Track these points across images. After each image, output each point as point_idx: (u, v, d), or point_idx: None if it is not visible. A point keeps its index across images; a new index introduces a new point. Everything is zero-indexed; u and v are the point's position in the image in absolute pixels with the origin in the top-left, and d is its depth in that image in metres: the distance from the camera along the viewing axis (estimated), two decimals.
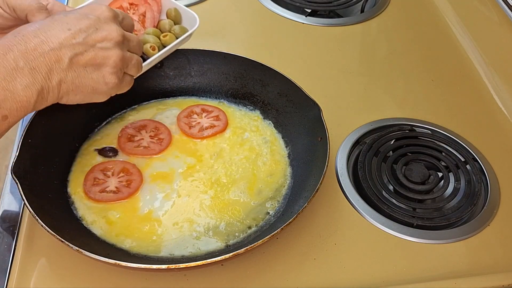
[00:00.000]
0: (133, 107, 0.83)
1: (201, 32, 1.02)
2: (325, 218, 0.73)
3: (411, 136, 0.84)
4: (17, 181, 0.63)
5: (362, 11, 1.11)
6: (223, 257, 0.59)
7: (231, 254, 0.59)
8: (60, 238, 0.59)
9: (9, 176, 0.69)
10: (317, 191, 0.66)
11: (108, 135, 0.79)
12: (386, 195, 0.76)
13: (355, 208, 0.74)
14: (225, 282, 0.65)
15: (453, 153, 0.81)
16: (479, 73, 0.97)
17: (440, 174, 0.78)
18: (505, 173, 0.80)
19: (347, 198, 0.75)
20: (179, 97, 0.85)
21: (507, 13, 0.94)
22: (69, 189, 0.72)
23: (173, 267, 0.59)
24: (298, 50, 1.00)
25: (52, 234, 0.59)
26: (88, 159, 0.75)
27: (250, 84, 0.84)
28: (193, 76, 0.85)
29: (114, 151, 0.76)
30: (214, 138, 0.79)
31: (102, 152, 0.76)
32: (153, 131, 0.79)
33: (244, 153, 0.78)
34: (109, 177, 0.72)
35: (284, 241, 0.69)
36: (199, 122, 0.81)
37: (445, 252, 0.70)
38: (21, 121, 0.82)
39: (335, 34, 1.05)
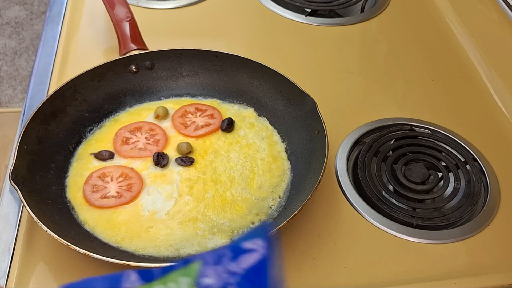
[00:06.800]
0: (126, 109, 0.83)
1: (201, 32, 1.03)
2: (325, 218, 0.72)
3: (411, 136, 0.83)
4: (17, 188, 0.63)
5: (362, 11, 1.11)
6: None
7: None
8: (66, 243, 0.59)
9: (8, 175, 0.69)
10: (319, 183, 0.66)
11: (103, 139, 0.78)
12: (386, 195, 0.76)
13: (355, 208, 0.74)
14: None
15: (453, 153, 0.81)
16: (479, 73, 0.97)
17: (440, 174, 0.78)
18: (505, 173, 0.80)
19: (346, 198, 0.75)
20: (172, 97, 0.85)
21: (507, 13, 0.94)
22: (67, 194, 0.71)
23: None
24: (298, 49, 1.00)
25: (57, 239, 0.59)
26: (84, 163, 0.75)
27: (242, 81, 0.84)
28: (184, 76, 0.85)
29: (110, 155, 0.76)
30: (210, 136, 0.79)
31: (99, 156, 0.75)
32: (148, 132, 0.79)
33: (241, 150, 0.78)
34: (108, 182, 0.72)
35: (283, 241, 0.69)
36: (194, 121, 0.81)
37: (445, 252, 0.70)
38: (19, 123, 0.83)
39: (335, 34, 1.04)
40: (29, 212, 0.61)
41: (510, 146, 0.85)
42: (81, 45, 0.97)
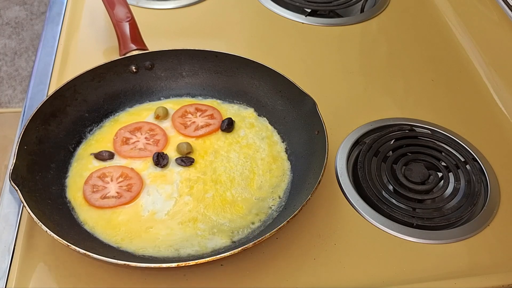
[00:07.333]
0: (126, 109, 0.83)
1: (201, 32, 1.03)
2: (325, 218, 0.72)
3: (411, 136, 0.83)
4: (17, 188, 0.63)
5: (362, 11, 1.11)
6: (231, 252, 0.60)
7: (239, 248, 0.60)
8: (66, 243, 0.59)
9: (8, 175, 0.70)
10: (319, 183, 0.66)
11: (103, 139, 0.78)
12: (386, 195, 0.76)
13: (355, 208, 0.74)
14: (224, 282, 0.65)
15: (453, 153, 0.81)
16: (479, 73, 0.97)
17: (440, 174, 0.78)
18: (505, 173, 0.80)
19: (346, 198, 0.75)
20: (172, 97, 0.85)
21: (507, 13, 0.94)
22: (67, 195, 0.71)
23: (182, 265, 0.59)
24: (298, 50, 1.00)
25: (57, 239, 0.59)
26: (84, 164, 0.75)
27: (242, 81, 0.84)
28: (184, 77, 0.86)
29: (110, 155, 0.76)
30: (210, 136, 0.79)
31: (98, 156, 0.75)
32: (148, 132, 0.79)
33: (241, 150, 0.78)
34: (108, 182, 0.72)
35: (283, 241, 0.69)
36: (194, 122, 0.81)
37: (445, 252, 0.70)
38: (19, 123, 0.83)
39: (335, 34, 1.05)
40: (29, 212, 0.61)
41: (510, 146, 0.85)
42: (81, 45, 0.97)
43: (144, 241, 0.67)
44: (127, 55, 0.84)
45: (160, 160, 0.75)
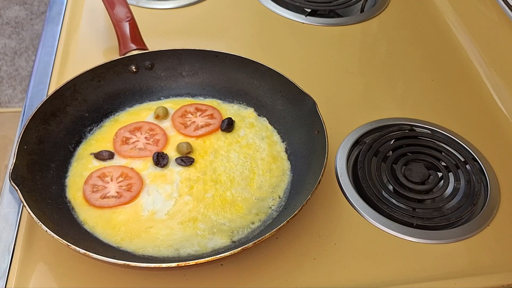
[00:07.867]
0: (126, 109, 0.83)
1: (200, 32, 1.03)
2: (325, 218, 0.72)
3: (411, 136, 0.83)
4: (17, 188, 0.63)
5: (362, 11, 1.11)
6: (231, 252, 0.60)
7: (239, 248, 0.60)
8: (66, 243, 0.59)
9: (8, 175, 0.70)
10: (319, 183, 0.66)
11: (103, 139, 0.78)
12: (386, 195, 0.76)
13: (355, 208, 0.74)
14: (224, 282, 0.65)
15: (453, 153, 0.81)
16: (479, 73, 0.97)
17: (440, 174, 0.78)
18: (505, 173, 0.80)
19: (346, 198, 0.75)
20: (172, 97, 0.85)
21: (507, 13, 0.94)
22: (67, 194, 0.71)
23: (182, 265, 0.59)
24: (298, 50, 1.00)
25: (57, 239, 0.59)
26: (84, 163, 0.75)
27: (242, 81, 0.84)
28: (184, 76, 0.86)
29: (110, 155, 0.76)
30: (210, 136, 0.79)
31: (98, 156, 0.75)
32: (148, 132, 0.79)
33: (241, 150, 0.78)
34: (108, 182, 0.72)
35: (283, 241, 0.69)
36: (194, 121, 0.81)
37: (445, 252, 0.70)
38: (19, 123, 0.83)
39: (335, 34, 1.05)
40: (29, 212, 0.61)
41: (510, 146, 0.85)
42: (81, 45, 0.97)
43: (144, 241, 0.67)
44: (127, 55, 0.84)
45: (160, 160, 0.75)
